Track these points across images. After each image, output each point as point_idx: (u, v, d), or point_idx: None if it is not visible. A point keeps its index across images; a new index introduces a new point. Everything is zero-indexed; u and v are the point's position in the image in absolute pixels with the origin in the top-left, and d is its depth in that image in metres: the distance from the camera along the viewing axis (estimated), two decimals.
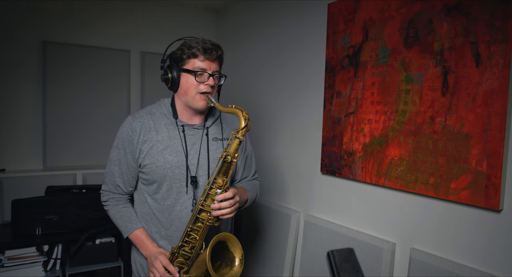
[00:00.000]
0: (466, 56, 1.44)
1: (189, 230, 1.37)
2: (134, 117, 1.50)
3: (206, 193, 1.34)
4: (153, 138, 1.46)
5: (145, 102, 3.13)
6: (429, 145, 1.57)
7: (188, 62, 1.41)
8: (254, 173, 1.73)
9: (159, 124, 1.48)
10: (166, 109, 1.51)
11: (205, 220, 1.34)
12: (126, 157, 1.48)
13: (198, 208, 1.35)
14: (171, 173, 1.44)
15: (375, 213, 1.86)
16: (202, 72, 1.40)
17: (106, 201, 1.57)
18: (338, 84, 2.01)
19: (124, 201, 1.56)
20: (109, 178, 1.53)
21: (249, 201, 1.60)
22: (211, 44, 1.41)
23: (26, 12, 2.69)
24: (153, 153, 1.44)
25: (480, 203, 1.40)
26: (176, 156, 1.45)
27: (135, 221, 1.52)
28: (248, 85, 2.83)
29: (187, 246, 1.38)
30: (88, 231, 2.43)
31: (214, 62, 1.42)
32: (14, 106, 2.69)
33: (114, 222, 1.57)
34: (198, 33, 3.27)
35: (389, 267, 1.73)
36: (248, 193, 1.58)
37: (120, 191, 1.54)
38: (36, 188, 2.61)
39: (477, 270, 1.42)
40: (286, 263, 2.33)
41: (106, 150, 2.95)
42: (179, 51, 1.43)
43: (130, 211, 1.55)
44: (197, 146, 1.48)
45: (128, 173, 1.50)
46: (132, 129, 1.46)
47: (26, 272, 2.28)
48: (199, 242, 1.36)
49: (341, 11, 1.98)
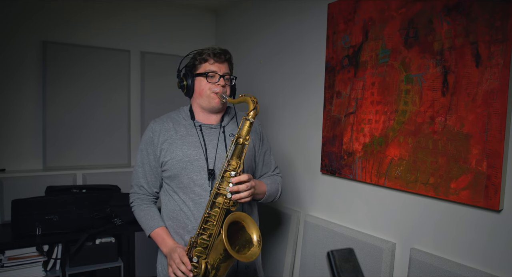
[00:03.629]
0: (466, 56, 1.44)
1: (206, 216, 1.38)
2: (155, 121, 1.61)
3: (221, 176, 1.37)
4: (172, 136, 1.55)
5: (145, 102, 3.13)
6: (429, 145, 1.57)
7: (200, 67, 1.53)
8: (274, 169, 1.75)
9: (178, 125, 1.58)
10: (185, 113, 1.61)
11: (221, 203, 1.35)
12: (148, 157, 1.57)
13: (214, 192, 1.37)
14: (190, 166, 1.50)
15: (375, 213, 1.86)
16: (213, 74, 1.51)
17: (132, 202, 1.63)
18: (338, 84, 2.01)
19: (148, 201, 1.61)
20: (134, 179, 1.62)
21: (268, 194, 1.60)
22: (219, 49, 1.54)
23: (26, 13, 2.69)
24: (173, 149, 1.52)
25: (480, 203, 1.40)
26: (194, 150, 1.52)
27: (157, 219, 1.56)
28: (248, 85, 2.83)
29: (205, 234, 1.38)
30: (88, 231, 2.43)
31: (223, 65, 1.54)
32: (14, 106, 2.69)
33: (138, 222, 1.61)
34: (198, 33, 3.31)
35: (389, 267, 1.73)
36: (266, 185, 1.59)
37: (144, 192, 1.60)
38: (36, 188, 2.61)
39: (477, 270, 1.42)
40: (286, 263, 2.33)
41: (106, 150, 3.00)
42: (192, 59, 1.56)
43: (153, 210, 1.60)
44: (215, 141, 1.55)
45: (151, 174, 1.58)
46: (153, 131, 1.57)
47: (26, 272, 2.28)
48: (216, 227, 1.37)
49: (341, 11, 1.98)
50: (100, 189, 2.67)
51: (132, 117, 3.12)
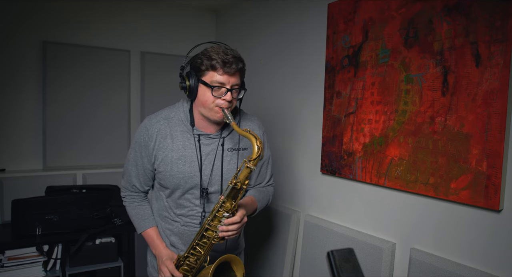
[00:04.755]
0: (466, 56, 1.43)
1: (194, 244, 1.40)
2: (150, 121, 1.48)
3: (214, 215, 1.34)
4: (168, 147, 1.45)
5: (145, 102, 3.13)
6: (429, 145, 1.57)
7: (207, 74, 1.35)
8: (268, 179, 1.69)
9: (175, 131, 1.46)
10: (184, 115, 1.48)
11: (211, 238, 1.36)
12: (142, 160, 1.50)
13: (204, 226, 1.36)
14: (183, 182, 1.46)
15: (375, 213, 1.86)
16: (219, 87, 1.35)
17: (124, 197, 1.62)
18: (338, 84, 2.01)
19: (140, 199, 1.61)
20: (126, 176, 1.57)
21: (259, 209, 1.60)
22: (232, 56, 1.33)
23: (26, 13, 2.68)
24: (168, 162, 1.45)
25: (480, 203, 1.40)
26: (190, 166, 1.45)
27: (148, 219, 1.57)
28: (248, 85, 2.82)
29: (192, 258, 1.42)
30: (88, 231, 2.43)
31: (233, 76, 1.36)
32: (14, 106, 2.69)
33: (130, 218, 1.62)
34: (198, 33, 3.31)
35: (389, 267, 1.73)
36: (257, 203, 1.57)
37: (136, 190, 1.58)
38: (36, 188, 2.61)
39: (477, 270, 1.42)
40: (286, 263, 2.33)
41: (106, 150, 3.00)
42: (198, 59, 1.37)
43: (145, 209, 1.60)
44: (212, 156, 1.47)
45: (144, 175, 1.54)
46: (148, 135, 1.46)
47: (26, 272, 2.28)
48: (203, 255, 1.40)
49: (341, 11, 1.98)
50: (100, 189, 2.66)
51: (132, 117, 3.12)
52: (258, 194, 1.62)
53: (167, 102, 1.95)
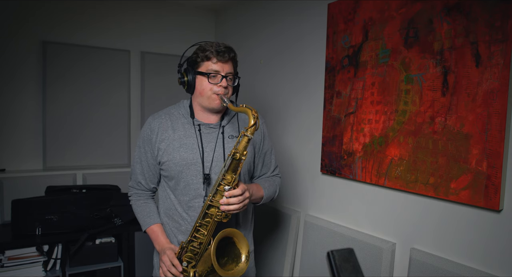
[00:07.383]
0: (466, 56, 1.44)
1: (198, 225, 1.40)
2: (153, 117, 1.58)
3: (215, 189, 1.37)
4: (170, 137, 1.52)
5: (145, 102, 3.13)
6: (429, 145, 1.57)
7: (202, 64, 1.46)
8: (273, 169, 1.74)
9: (177, 123, 1.55)
10: (184, 110, 1.57)
11: (214, 215, 1.37)
12: (146, 155, 1.56)
13: (207, 203, 1.38)
14: (186, 169, 1.50)
15: (375, 213, 1.86)
16: (215, 74, 1.45)
17: (130, 196, 1.66)
18: (338, 84, 2.01)
19: (146, 197, 1.64)
20: (133, 175, 1.63)
21: (266, 197, 1.61)
22: (224, 46, 1.46)
23: (26, 13, 2.68)
24: (170, 151, 1.51)
25: (480, 203, 1.40)
26: (192, 153, 1.50)
27: (153, 216, 1.59)
28: (248, 85, 2.83)
29: (195, 241, 1.41)
30: (88, 231, 2.43)
31: (227, 64, 1.47)
32: (14, 106, 2.69)
33: (136, 216, 1.64)
34: (198, 33, 3.31)
35: (389, 267, 1.73)
36: (264, 190, 1.60)
37: (142, 188, 1.62)
38: (36, 188, 2.61)
39: (477, 270, 1.42)
40: (286, 263, 2.33)
41: (106, 150, 3.00)
42: (194, 54, 1.49)
43: (150, 206, 1.62)
44: (213, 144, 1.53)
45: (148, 171, 1.58)
46: (151, 129, 1.55)
47: (26, 272, 2.28)
48: (207, 237, 1.40)
49: (341, 11, 1.98)
50: (100, 189, 2.67)
51: (132, 117, 3.12)
52: (264, 182, 1.65)
53: (167, 102, 1.96)
